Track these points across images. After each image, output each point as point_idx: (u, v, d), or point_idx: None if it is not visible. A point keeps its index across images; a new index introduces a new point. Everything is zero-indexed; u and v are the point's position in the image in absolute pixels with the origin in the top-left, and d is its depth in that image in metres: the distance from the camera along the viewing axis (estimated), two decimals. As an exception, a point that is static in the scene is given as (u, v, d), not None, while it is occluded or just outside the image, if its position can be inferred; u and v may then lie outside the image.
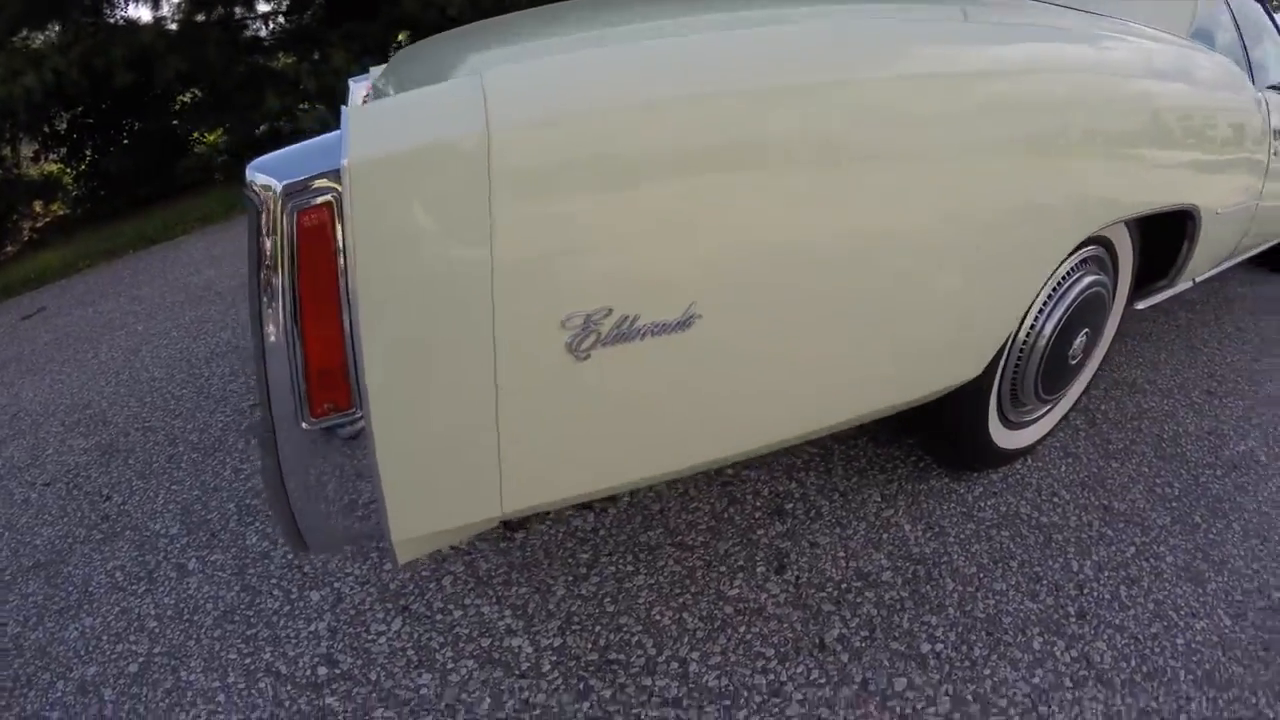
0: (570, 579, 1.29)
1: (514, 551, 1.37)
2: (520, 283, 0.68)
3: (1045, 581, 1.28)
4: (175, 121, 5.30)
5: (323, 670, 1.17)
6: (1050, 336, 1.25)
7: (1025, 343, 1.25)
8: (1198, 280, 1.82)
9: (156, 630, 1.29)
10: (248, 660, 1.20)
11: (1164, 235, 1.50)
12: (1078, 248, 1.23)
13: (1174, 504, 1.48)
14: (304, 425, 0.69)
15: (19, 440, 2.06)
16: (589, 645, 1.16)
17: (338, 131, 0.65)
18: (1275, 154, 1.71)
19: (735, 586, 1.26)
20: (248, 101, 4.67)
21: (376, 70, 1.71)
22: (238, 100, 4.81)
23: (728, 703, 1.07)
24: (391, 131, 0.64)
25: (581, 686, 1.10)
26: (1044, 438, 1.54)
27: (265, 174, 0.64)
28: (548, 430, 0.73)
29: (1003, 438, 1.40)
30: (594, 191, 0.69)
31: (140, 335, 2.71)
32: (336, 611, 1.27)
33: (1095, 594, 1.27)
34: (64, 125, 5.38)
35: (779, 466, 1.55)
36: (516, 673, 1.13)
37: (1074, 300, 1.26)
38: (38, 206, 5.52)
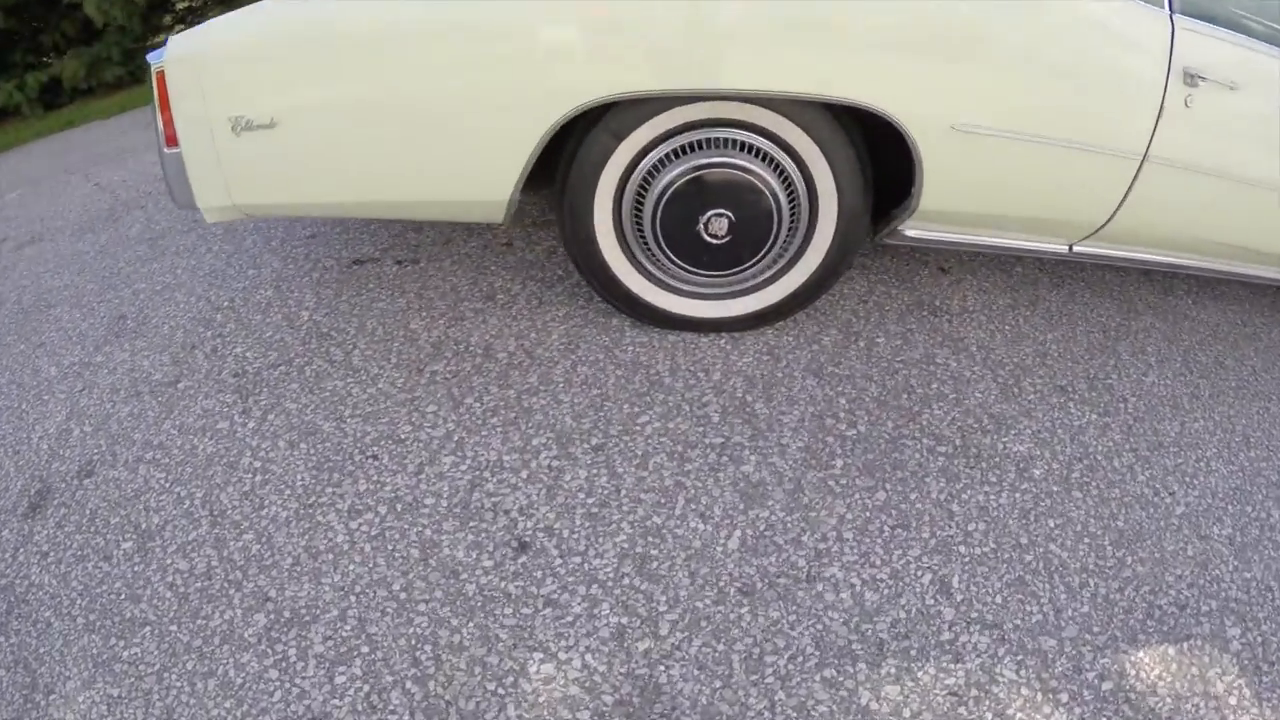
0: (388, 294, 1.89)
1: (360, 273, 1.93)
2: (216, 103, 1.36)
3: (602, 413, 1.45)
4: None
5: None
6: (661, 194, 1.35)
7: (640, 194, 1.37)
8: (1075, 249, 1.51)
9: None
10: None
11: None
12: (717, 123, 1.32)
13: (829, 437, 1.41)
14: (166, 150, 1.41)
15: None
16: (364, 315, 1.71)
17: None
18: (1188, 103, 1.30)
19: (420, 322, 1.73)
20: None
21: None
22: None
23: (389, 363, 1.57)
24: (175, 47, 1.37)
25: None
26: (736, 322, 1.58)
27: (150, 58, 1.37)
28: (231, 166, 1.41)
29: (655, 296, 1.53)
30: (242, 76, 1.37)
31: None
32: (290, 269, 2.08)
33: (621, 447, 1.40)
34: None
35: (519, 275, 1.86)
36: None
37: (689, 171, 1.33)
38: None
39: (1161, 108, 1.28)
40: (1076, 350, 1.67)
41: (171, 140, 1.39)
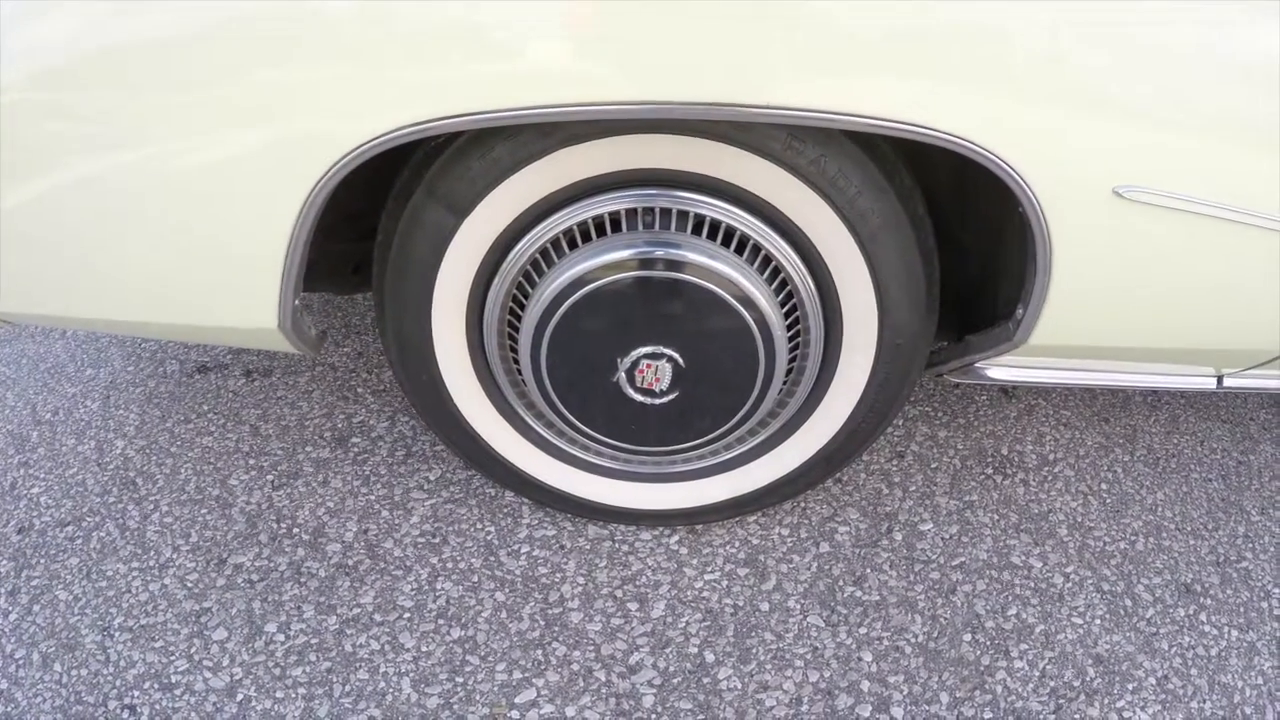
0: (220, 424, 1.27)
1: (200, 386, 1.34)
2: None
3: (460, 680, 0.87)
4: None
5: None
6: (545, 315, 0.75)
7: (514, 311, 0.77)
8: (1226, 381, 0.92)
9: None
10: None
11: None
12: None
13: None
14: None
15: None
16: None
17: None
18: None
19: (243, 476, 1.12)
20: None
21: None
22: None
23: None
24: None
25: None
26: (695, 514, 0.94)
27: None
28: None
29: (555, 475, 0.91)
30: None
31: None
32: (129, 372, 1.50)
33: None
34: None
35: (391, 403, 1.27)
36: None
37: (595, 274, 0.72)
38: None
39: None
40: (1196, 515, 1.07)
41: None
